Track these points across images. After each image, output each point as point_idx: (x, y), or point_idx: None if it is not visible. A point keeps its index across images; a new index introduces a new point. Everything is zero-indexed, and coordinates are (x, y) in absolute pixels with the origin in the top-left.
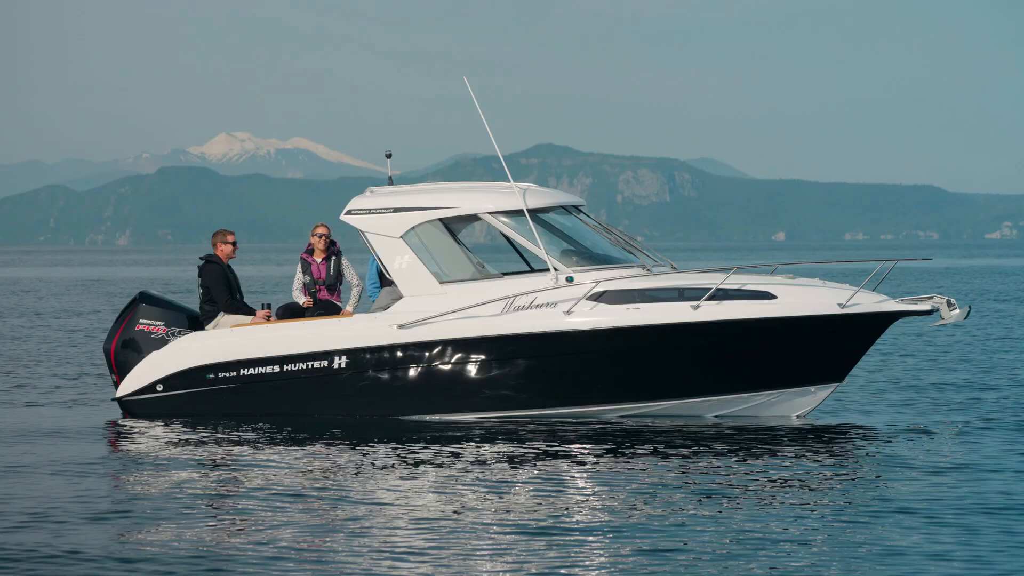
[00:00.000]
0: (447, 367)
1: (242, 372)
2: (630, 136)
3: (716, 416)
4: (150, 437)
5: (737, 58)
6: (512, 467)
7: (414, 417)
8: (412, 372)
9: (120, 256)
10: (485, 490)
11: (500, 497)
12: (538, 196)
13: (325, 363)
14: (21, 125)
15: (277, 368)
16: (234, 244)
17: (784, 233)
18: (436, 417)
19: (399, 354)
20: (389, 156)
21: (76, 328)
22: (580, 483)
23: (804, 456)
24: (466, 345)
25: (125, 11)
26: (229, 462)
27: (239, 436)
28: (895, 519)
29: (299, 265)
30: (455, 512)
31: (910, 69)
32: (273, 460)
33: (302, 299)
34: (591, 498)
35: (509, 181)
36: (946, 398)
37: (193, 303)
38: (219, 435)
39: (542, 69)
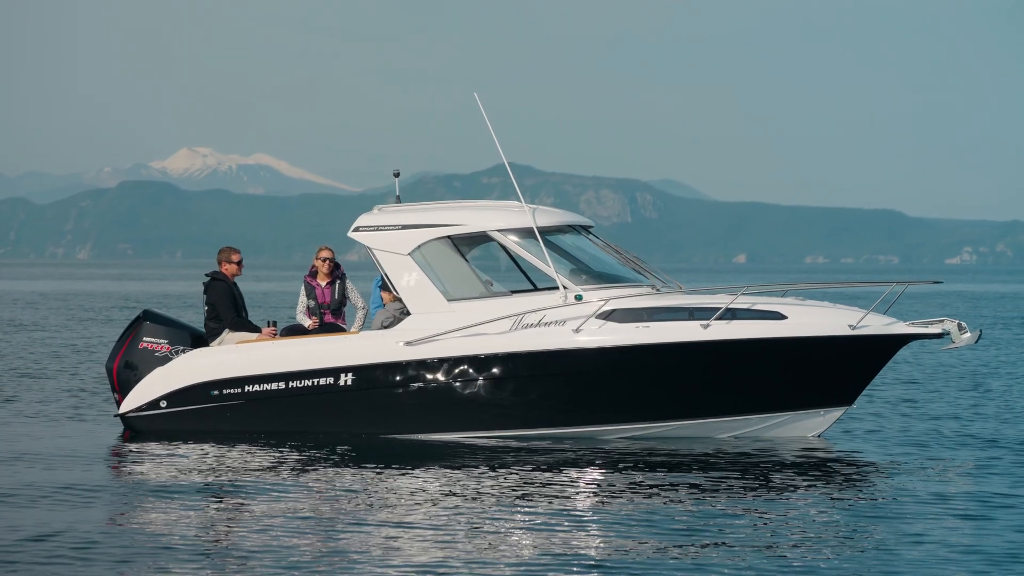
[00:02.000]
0: (454, 385)
1: (247, 388)
2: (593, 156)
3: (725, 437)
4: (153, 454)
5: (701, 80)
6: (519, 487)
7: (421, 435)
8: (419, 390)
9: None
10: (492, 510)
11: (506, 517)
12: (547, 215)
13: (331, 380)
14: None
15: (282, 385)
16: (239, 263)
17: (745, 256)
18: (443, 435)
19: (406, 371)
20: (397, 175)
21: (72, 343)
22: (587, 502)
23: (810, 481)
24: (474, 363)
25: (87, 24)
26: (233, 480)
27: (243, 453)
28: (905, 549)
29: (303, 288)
30: (461, 532)
31: (872, 94)
32: (277, 478)
33: (307, 322)
34: (598, 518)
35: (519, 200)
36: (956, 423)
37: (197, 321)
38: (223, 452)
39: (505, 88)
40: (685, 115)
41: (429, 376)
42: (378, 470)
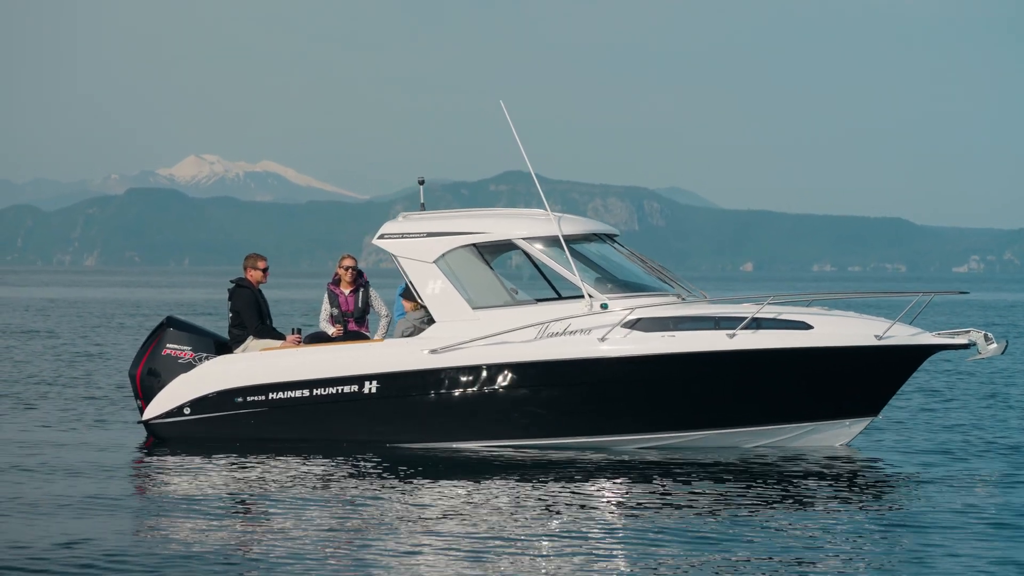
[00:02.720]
0: (479, 393)
1: (271, 396)
2: (600, 164)
3: (750, 447)
4: (177, 461)
5: (708, 88)
6: (544, 497)
7: (445, 444)
8: (443, 398)
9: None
10: (517, 520)
11: (531, 528)
12: (573, 224)
13: (355, 387)
14: None
15: (306, 392)
16: (265, 270)
17: (752, 264)
18: (467, 444)
19: (430, 380)
20: (422, 183)
21: (87, 351)
22: (612, 512)
23: (837, 492)
24: (499, 371)
25: (95, 31)
26: (257, 488)
27: (266, 461)
28: (937, 559)
29: (326, 296)
30: (486, 543)
31: (879, 102)
32: (301, 486)
33: (331, 329)
34: (623, 527)
35: (544, 209)
36: (979, 432)
37: (220, 328)
38: (246, 460)
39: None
40: (692, 123)
41: (453, 384)
42: (401, 479)
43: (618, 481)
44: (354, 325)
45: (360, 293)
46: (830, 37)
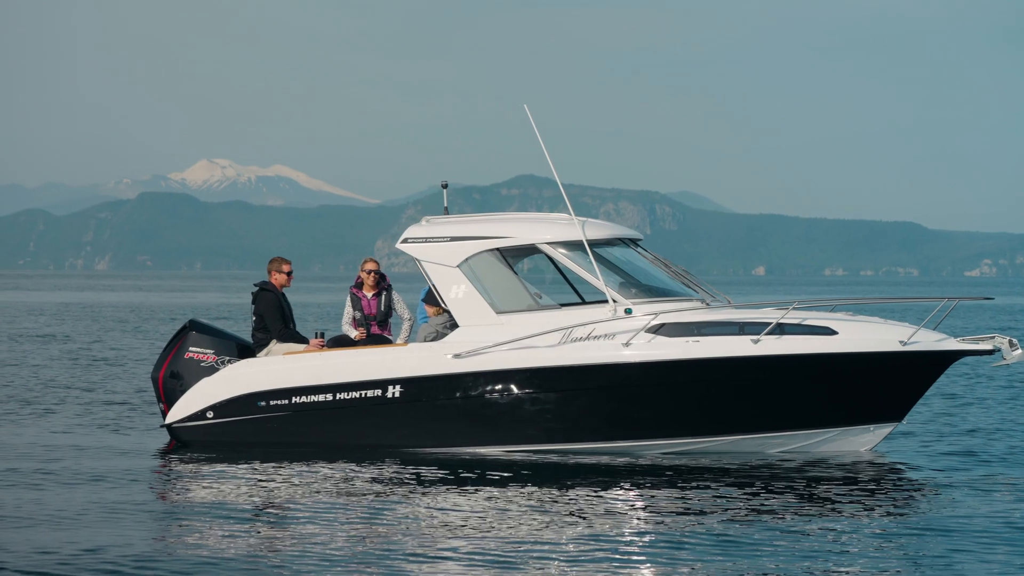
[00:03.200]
0: (503, 398)
1: (294, 400)
2: (611, 168)
3: (774, 452)
4: (200, 466)
5: (719, 92)
6: (569, 501)
7: (468, 448)
8: (467, 403)
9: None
10: (543, 526)
11: (557, 533)
12: (597, 228)
13: (379, 392)
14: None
15: (330, 396)
16: (289, 273)
17: (764, 268)
18: (491, 449)
19: (454, 384)
20: (445, 186)
21: (104, 355)
22: (636, 517)
23: (862, 497)
24: (522, 376)
25: (107, 36)
26: (280, 495)
27: (289, 466)
28: (966, 565)
29: (348, 299)
30: (510, 548)
31: (891, 106)
32: (325, 491)
33: (353, 332)
34: (647, 531)
35: (569, 213)
36: (1002, 436)
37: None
38: (269, 464)
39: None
40: (704, 127)
41: (477, 389)
42: (425, 484)
43: (642, 486)
44: (377, 328)
45: (383, 296)
46: (842, 41)
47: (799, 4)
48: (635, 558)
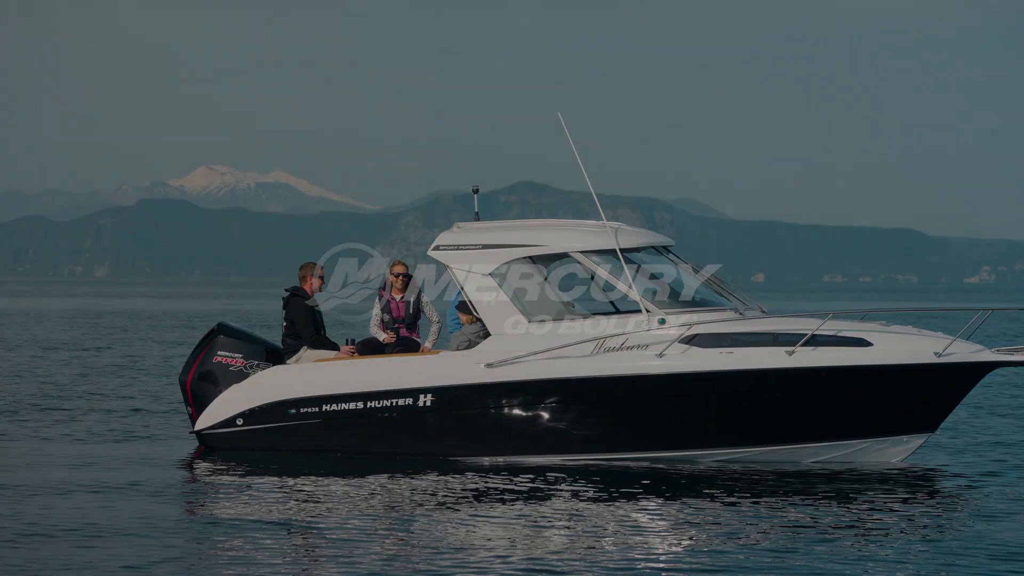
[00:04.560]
0: (535, 407)
1: (325, 408)
2: (611, 175)
3: (807, 463)
4: (231, 474)
5: (718, 99)
6: (602, 512)
7: (500, 458)
8: (499, 412)
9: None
10: (574, 535)
11: (590, 543)
12: (629, 236)
13: (410, 400)
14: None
15: (361, 404)
16: (322, 279)
17: (763, 274)
18: (522, 458)
19: (486, 393)
20: (476, 191)
21: (115, 362)
22: (669, 528)
23: (898, 507)
24: (555, 386)
25: (105, 42)
26: (310, 504)
27: (320, 474)
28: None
29: (377, 301)
30: (544, 559)
31: (890, 113)
32: (354, 499)
33: (382, 335)
34: (679, 543)
35: (602, 220)
36: None
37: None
38: (299, 474)
39: (521, 106)
40: (702, 134)
41: (509, 398)
42: (456, 494)
43: (675, 497)
44: (405, 331)
45: (411, 299)
46: (839, 47)
47: (798, 9)
48: (669, 569)
